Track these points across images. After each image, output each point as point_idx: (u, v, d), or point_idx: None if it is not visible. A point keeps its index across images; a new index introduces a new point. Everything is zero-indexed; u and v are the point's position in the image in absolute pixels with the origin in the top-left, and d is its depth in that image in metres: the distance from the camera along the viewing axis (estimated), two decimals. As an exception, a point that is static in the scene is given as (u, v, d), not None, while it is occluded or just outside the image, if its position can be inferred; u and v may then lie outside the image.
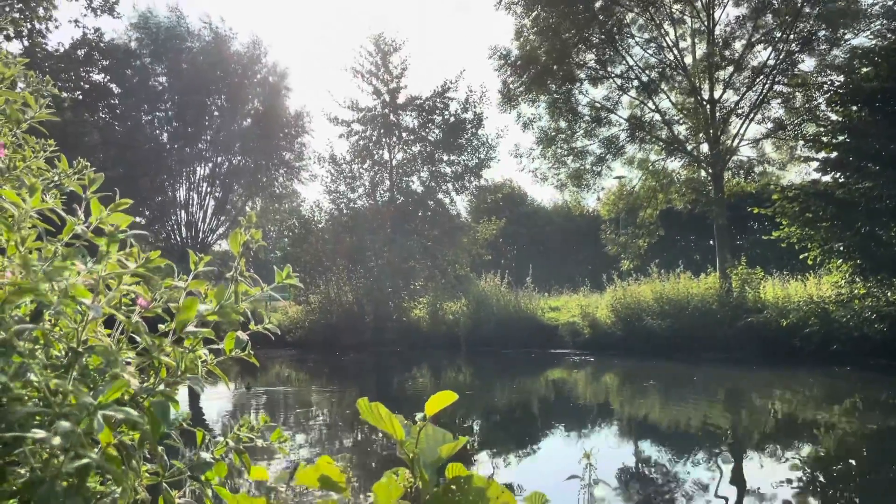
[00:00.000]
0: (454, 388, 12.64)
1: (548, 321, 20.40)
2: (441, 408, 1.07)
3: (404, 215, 23.61)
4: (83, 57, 32.07)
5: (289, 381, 17.91)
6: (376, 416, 1.00)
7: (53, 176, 2.17)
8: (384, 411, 1.01)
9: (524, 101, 18.08)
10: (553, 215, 42.98)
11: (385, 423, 1.01)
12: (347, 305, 23.58)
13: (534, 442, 9.78)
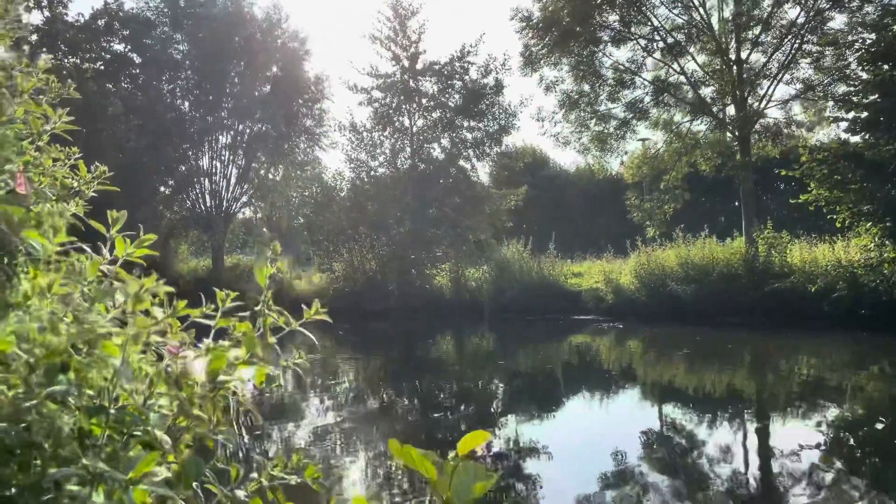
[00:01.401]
0: (478, 355, 12.88)
1: (570, 287, 20.37)
2: (474, 446, 1.07)
3: (425, 183, 23.52)
4: (104, 27, 32.09)
5: (316, 349, 18.15)
6: (409, 457, 1.00)
7: (74, 183, 2.17)
8: (415, 453, 1.02)
9: (546, 64, 17.78)
10: (575, 179, 42.59)
11: (417, 464, 1.01)
12: (371, 273, 23.71)
13: (564, 410, 9.85)
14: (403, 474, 7.92)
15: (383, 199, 23.49)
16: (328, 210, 24.49)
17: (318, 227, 24.94)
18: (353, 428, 10.05)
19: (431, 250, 23.74)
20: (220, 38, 30.72)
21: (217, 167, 33.29)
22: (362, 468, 8.31)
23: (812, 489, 6.19)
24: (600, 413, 9.37)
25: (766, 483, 6.47)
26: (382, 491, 7.52)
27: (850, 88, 16.10)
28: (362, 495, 1.51)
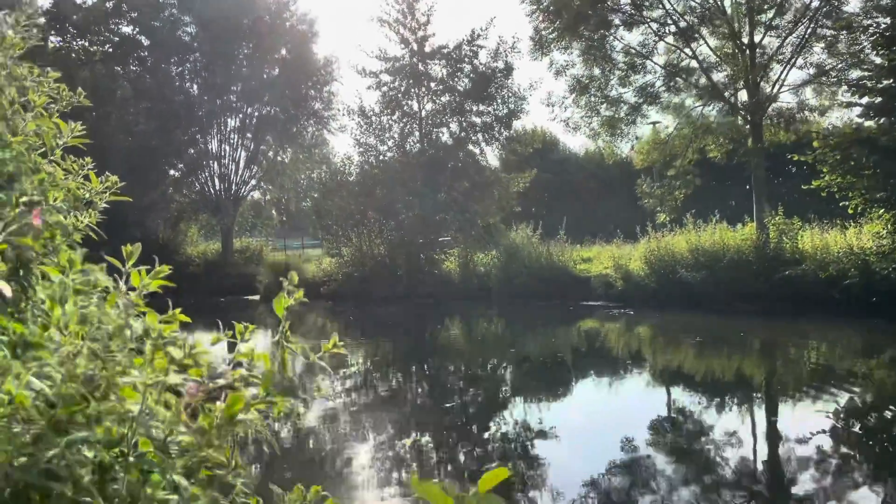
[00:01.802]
0: (487, 340, 12.89)
1: (580, 273, 20.33)
2: (494, 484, 1.06)
3: (434, 167, 23.45)
4: (112, 9, 32.03)
5: (326, 335, 18.23)
6: (430, 493, 0.99)
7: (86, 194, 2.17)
8: (435, 489, 1.01)
9: (556, 49, 17.61)
10: (585, 162, 42.34)
11: (438, 500, 1.00)
12: (379, 258, 23.73)
13: (573, 396, 9.86)
14: (411, 457, 7.99)
15: (392, 184, 23.45)
16: (337, 195, 24.48)
17: (327, 212, 24.94)
18: (361, 411, 10.14)
19: (440, 235, 23.72)
20: (229, 21, 30.58)
21: (226, 150, 33.33)
22: (370, 451, 8.41)
23: (826, 477, 6.19)
24: (611, 400, 9.38)
25: (782, 471, 6.47)
26: (391, 472, 7.61)
27: (864, 73, 15.88)
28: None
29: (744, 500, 5.95)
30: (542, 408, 9.37)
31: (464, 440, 8.61)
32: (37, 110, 2.01)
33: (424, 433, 8.89)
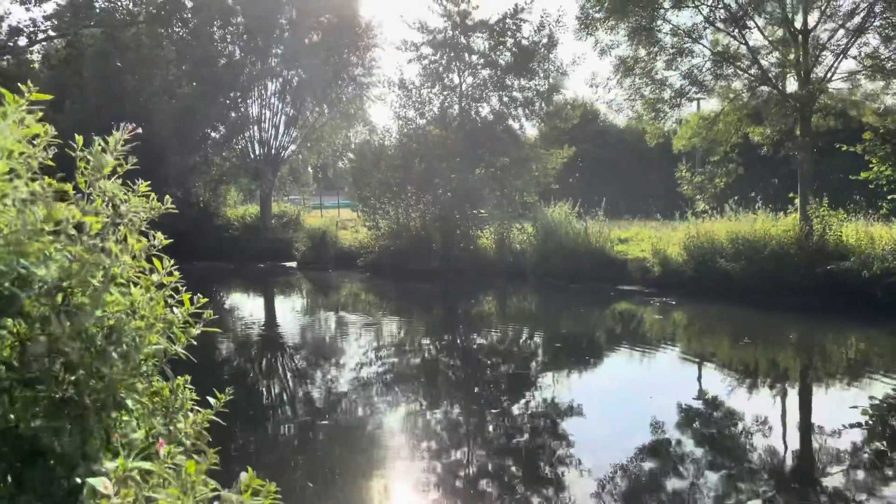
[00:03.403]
0: (521, 318, 13.17)
1: (617, 255, 20.25)
2: None
3: (473, 142, 23.39)
4: (156, -30, 32.09)
5: (365, 308, 18.67)
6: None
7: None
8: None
9: (603, 29, 17.28)
10: (625, 134, 41.72)
11: None
12: (415, 232, 23.89)
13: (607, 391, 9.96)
14: (439, 424, 8.29)
15: (430, 158, 23.47)
16: (375, 167, 24.61)
17: (366, 184, 25.11)
18: (394, 381, 10.48)
19: (477, 210, 23.76)
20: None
21: (266, 115, 33.58)
22: (401, 418, 8.76)
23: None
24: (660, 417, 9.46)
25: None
26: (419, 440, 7.95)
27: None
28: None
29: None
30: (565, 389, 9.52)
31: (491, 415, 8.92)
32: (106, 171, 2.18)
33: (451, 407, 9.24)
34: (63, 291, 1.90)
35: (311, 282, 23.88)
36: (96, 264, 1.94)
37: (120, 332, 1.92)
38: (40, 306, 1.88)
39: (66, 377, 1.85)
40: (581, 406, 9.19)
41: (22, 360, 1.82)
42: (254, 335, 15.27)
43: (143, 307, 2.08)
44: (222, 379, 10.63)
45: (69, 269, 1.90)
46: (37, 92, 3.09)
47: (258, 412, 9.22)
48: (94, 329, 1.85)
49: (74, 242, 1.93)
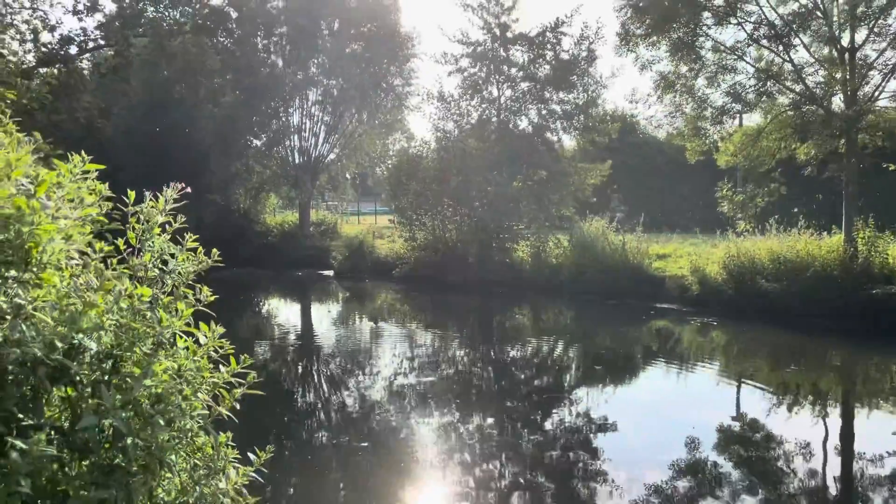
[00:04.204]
0: (556, 333, 13.19)
1: (654, 272, 20.02)
2: None
3: (511, 154, 23.38)
4: (203, -19, 32.81)
5: (401, 318, 18.81)
6: None
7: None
8: None
9: (644, 45, 17.14)
10: (665, 146, 41.21)
11: None
12: (451, 244, 23.95)
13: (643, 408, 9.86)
14: (473, 438, 8.31)
15: (467, 170, 23.52)
16: (412, 178, 24.76)
17: (403, 194, 25.28)
18: (428, 393, 10.55)
19: (513, 223, 23.74)
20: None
21: (306, 123, 34.05)
22: (434, 431, 8.82)
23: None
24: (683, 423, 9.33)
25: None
26: (452, 453, 8.00)
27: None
28: None
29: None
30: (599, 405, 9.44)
31: (524, 430, 8.95)
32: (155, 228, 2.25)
33: (485, 420, 9.29)
34: (113, 359, 1.97)
35: (348, 291, 24.10)
36: (146, 334, 2.01)
37: (167, 399, 1.99)
38: (91, 373, 1.95)
39: (114, 444, 1.92)
40: (616, 422, 9.18)
41: (73, 426, 1.89)
42: (290, 343, 15.49)
43: (190, 372, 2.15)
44: (258, 384, 10.76)
45: (120, 338, 1.98)
46: (88, 99, 3.17)
47: (292, 419, 9.36)
48: (141, 398, 1.92)
49: (125, 313, 2.01)
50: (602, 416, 9.49)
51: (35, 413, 1.75)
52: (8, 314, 1.70)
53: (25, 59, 27.69)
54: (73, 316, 1.83)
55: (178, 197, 2.50)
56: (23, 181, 1.81)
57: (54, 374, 1.81)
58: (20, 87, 10.45)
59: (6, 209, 1.70)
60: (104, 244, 2.25)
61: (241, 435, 2.72)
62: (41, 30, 29.03)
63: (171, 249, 2.46)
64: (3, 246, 1.70)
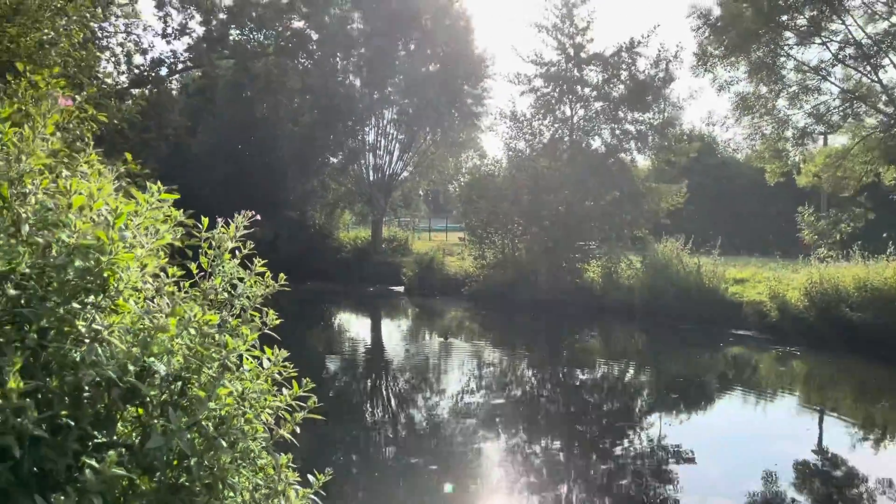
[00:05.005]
0: (627, 357, 12.97)
1: (731, 297, 19.35)
2: None
3: (583, 174, 23.15)
4: (286, 5, 33.95)
5: (469, 336, 18.87)
6: None
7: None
8: None
9: (722, 65, 16.75)
10: (744, 167, 39.99)
11: None
12: (521, 263, 23.84)
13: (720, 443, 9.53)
14: (540, 460, 8.22)
15: (538, 189, 23.43)
16: (483, 197, 24.84)
17: (473, 212, 25.39)
18: (496, 413, 10.51)
19: (584, 244, 23.46)
20: (395, 17, 31.60)
21: (381, 142, 34.71)
22: (501, 453, 8.79)
23: None
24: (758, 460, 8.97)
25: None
26: (518, 476, 7.94)
27: None
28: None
29: None
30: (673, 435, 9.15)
31: (594, 454, 8.79)
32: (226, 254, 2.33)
33: (553, 443, 9.18)
34: (181, 381, 2.06)
35: (417, 307, 24.30)
36: (212, 357, 2.09)
37: (230, 422, 2.06)
38: (160, 394, 2.05)
39: (179, 463, 2.01)
40: (690, 451, 8.94)
41: (142, 446, 1.99)
42: (359, 358, 15.74)
43: (253, 395, 2.22)
44: (327, 396, 10.97)
45: (188, 361, 2.07)
46: (176, 118, 3.31)
47: (360, 435, 9.49)
48: (206, 420, 2.00)
49: (194, 337, 2.10)
50: (675, 444, 9.24)
51: (107, 432, 1.85)
52: (86, 338, 1.81)
53: (119, 80, 29.25)
54: (144, 340, 1.92)
55: (248, 224, 2.60)
56: (103, 212, 1.93)
57: (126, 395, 1.91)
58: (112, 108, 11.04)
59: (87, 239, 1.82)
60: (176, 269, 2.35)
61: (308, 449, 2.79)
62: (134, 53, 30.70)
63: (239, 274, 2.56)
64: (84, 274, 1.81)
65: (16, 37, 6.65)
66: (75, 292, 1.82)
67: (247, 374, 2.29)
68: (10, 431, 1.56)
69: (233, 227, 2.53)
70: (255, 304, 2.57)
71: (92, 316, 1.82)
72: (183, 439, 1.88)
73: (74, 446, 1.75)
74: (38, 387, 1.71)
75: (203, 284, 2.46)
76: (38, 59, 6.84)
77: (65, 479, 1.78)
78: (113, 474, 1.64)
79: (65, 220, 1.82)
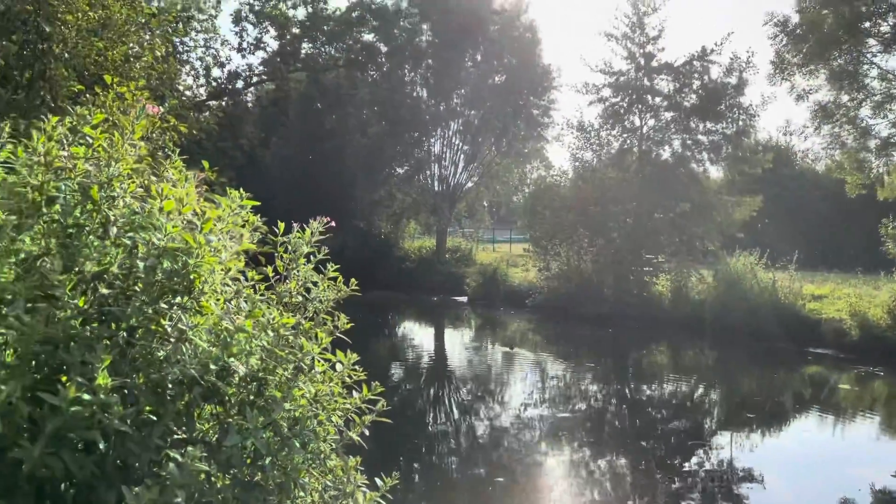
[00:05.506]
0: (697, 373, 12.62)
1: (808, 314, 18.60)
2: None
3: (652, 186, 22.71)
4: (356, 19, 34.67)
5: (533, 348, 18.75)
6: None
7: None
8: None
9: (800, 73, 16.20)
10: (822, 179, 38.47)
11: None
12: (586, 275, 23.51)
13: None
14: (604, 477, 8.07)
15: (605, 200, 23.11)
16: (548, 208, 24.65)
17: (538, 223, 25.22)
18: (560, 427, 10.38)
19: (653, 257, 22.97)
20: (463, 29, 31.81)
21: (447, 153, 34.91)
22: (565, 467, 8.66)
23: None
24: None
25: None
26: (582, 493, 7.81)
27: None
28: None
29: None
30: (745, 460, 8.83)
31: (660, 474, 8.58)
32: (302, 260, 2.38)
33: (617, 459, 9.02)
34: (258, 381, 2.12)
35: (481, 318, 24.27)
36: (288, 359, 2.14)
37: (303, 423, 2.11)
38: (238, 393, 2.11)
39: (254, 462, 2.06)
40: (763, 474, 8.62)
41: (220, 442, 2.05)
42: (423, 367, 15.81)
43: (325, 397, 2.26)
44: (392, 402, 11.03)
45: (265, 362, 2.12)
46: (250, 130, 3.41)
47: (424, 444, 9.52)
48: (280, 421, 2.05)
49: (271, 338, 2.16)
50: (745, 465, 8.93)
51: (188, 428, 1.91)
52: (172, 337, 1.88)
53: (198, 93, 30.40)
54: (225, 340, 1.99)
55: (323, 230, 2.65)
56: (190, 217, 2.01)
57: (207, 393, 1.97)
58: (191, 119, 11.50)
59: (176, 243, 1.89)
60: (255, 272, 2.42)
61: (371, 457, 2.82)
62: (212, 66, 31.86)
63: (313, 278, 2.62)
64: (171, 275, 1.89)
65: (103, 50, 7.00)
66: (162, 293, 1.90)
67: (319, 377, 2.33)
68: (96, 426, 1.64)
69: (308, 231, 2.59)
70: (328, 307, 2.63)
71: (177, 316, 1.89)
72: (258, 438, 1.93)
73: (157, 441, 1.82)
74: (124, 383, 1.78)
75: (279, 288, 2.53)
76: (124, 72, 7.17)
77: (147, 473, 1.85)
78: (195, 468, 1.70)
79: (155, 223, 1.90)
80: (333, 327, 2.57)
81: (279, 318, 2.15)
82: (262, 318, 2.14)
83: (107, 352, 1.75)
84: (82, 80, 6.86)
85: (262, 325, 2.12)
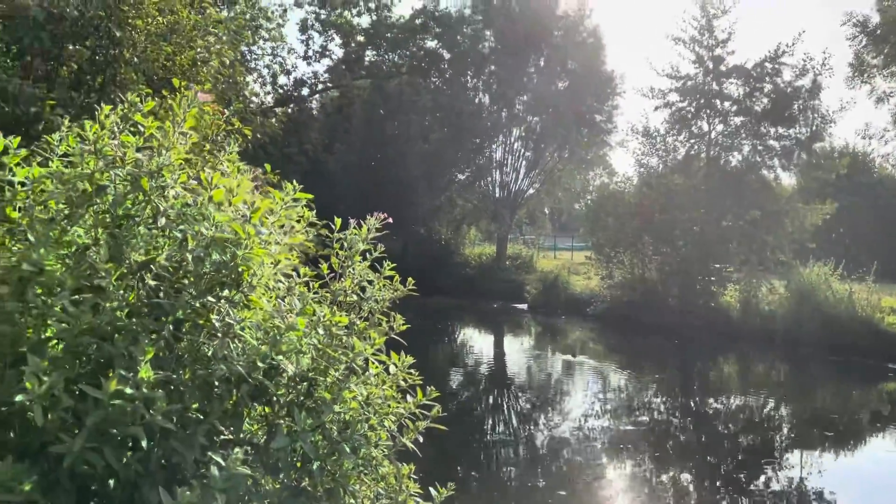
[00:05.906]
0: (768, 386, 12.10)
1: (888, 327, 17.65)
2: None
3: (720, 192, 21.98)
4: (419, 26, 34.89)
5: (595, 357, 18.39)
6: None
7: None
8: None
9: (880, 75, 15.42)
10: (905, 186, 36.61)
11: None
12: (651, 284, 22.92)
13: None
14: (668, 493, 7.75)
15: (671, 207, 22.49)
16: (612, 215, 24.17)
17: (601, 230, 24.76)
18: (622, 439, 10.07)
19: (721, 266, 22.21)
20: (526, 35, 31.63)
21: (508, 159, 34.72)
22: (626, 481, 8.40)
23: None
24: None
25: None
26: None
27: None
28: None
29: None
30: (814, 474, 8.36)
31: (726, 492, 8.24)
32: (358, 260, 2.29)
33: (681, 475, 8.72)
34: (308, 382, 2.03)
35: (541, 325, 23.95)
36: (340, 359, 2.04)
37: (354, 427, 2.00)
38: (287, 394, 2.01)
39: (302, 466, 1.96)
40: (834, 495, 8.16)
41: (267, 444, 1.96)
42: (482, 374, 15.66)
43: (378, 401, 2.16)
44: (448, 408, 10.93)
45: (316, 361, 2.03)
46: (315, 135, 3.34)
47: (482, 452, 9.37)
48: (330, 424, 1.95)
49: (323, 337, 2.06)
50: (819, 487, 8.46)
51: (234, 428, 1.83)
52: (219, 333, 1.80)
53: (265, 99, 31.12)
54: (274, 338, 1.90)
55: (380, 227, 2.55)
56: (241, 208, 1.93)
57: (254, 392, 1.89)
58: (256, 124, 11.70)
59: (224, 233, 1.82)
60: (308, 269, 2.34)
61: (425, 465, 2.70)
62: (279, 74, 32.58)
63: (369, 276, 2.52)
64: (220, 267, 1.82)
65: (172, 54, 7.14)
66: (211, 285, 1.83)
67: (372, 379, 2.23)
68: (139, 422, 1.57)
69: (364, 228, 2.50)
70: (383, 307, 2.53)
71: (225, 310, 1.82)
72: (306, 441, 1.84)
73: (202, 440, 1.74)
74: (169, 378, 1.71)
75: (333, 285, 2.44)
76: (192, 76, 7.30)
77: (193, 473, 1.78)
78: (238, 472, 1.61)
79: (204, 213, 1.83)
80: (389, 328, 2.47)
81: (331, 317, 2.06)
82: (313, 315, 2.05)
83: (152, 345, 1.69)
84: (151, 84, 7.01)
85: (314, 323, 2.03)
